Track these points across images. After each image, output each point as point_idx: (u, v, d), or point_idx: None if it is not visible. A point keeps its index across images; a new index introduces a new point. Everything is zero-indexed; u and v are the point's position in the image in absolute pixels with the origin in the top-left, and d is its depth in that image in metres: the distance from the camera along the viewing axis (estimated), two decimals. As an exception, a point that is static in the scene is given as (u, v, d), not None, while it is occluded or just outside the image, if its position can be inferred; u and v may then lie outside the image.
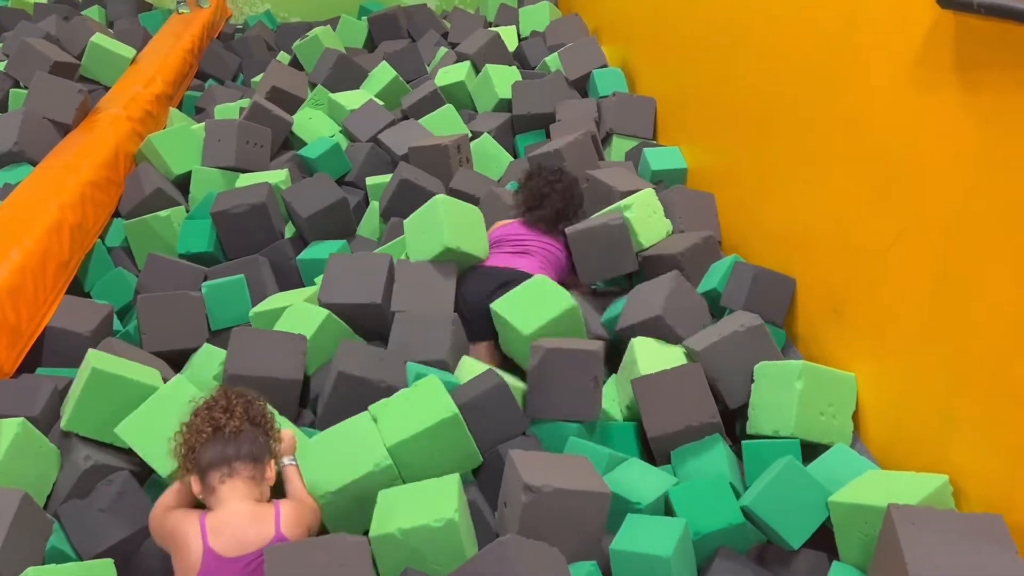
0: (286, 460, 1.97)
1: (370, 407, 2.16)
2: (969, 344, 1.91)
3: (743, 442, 2.25)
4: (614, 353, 2.64)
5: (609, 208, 3.06)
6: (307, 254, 3.18)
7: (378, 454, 2.04)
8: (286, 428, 2.04)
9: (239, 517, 1.77)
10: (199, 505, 1.86)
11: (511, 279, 2.71)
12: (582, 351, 2.30)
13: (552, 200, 3.00)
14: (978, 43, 1.83)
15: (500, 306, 2.55)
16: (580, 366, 2.29)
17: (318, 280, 2.97)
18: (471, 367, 2.40)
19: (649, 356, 2.41)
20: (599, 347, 2.34)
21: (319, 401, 2.33)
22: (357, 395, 2.22)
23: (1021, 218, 1.75)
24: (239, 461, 1.81)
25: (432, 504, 1.88)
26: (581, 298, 2.84)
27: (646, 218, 2.99)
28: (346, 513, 2.02)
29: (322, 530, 1.99)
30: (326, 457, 2.06)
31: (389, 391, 2.22)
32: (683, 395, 2.25)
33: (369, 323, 2.58)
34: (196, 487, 1.82)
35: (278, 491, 1.92)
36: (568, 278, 2.99)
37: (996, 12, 1.66)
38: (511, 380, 2.34)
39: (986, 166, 1.85)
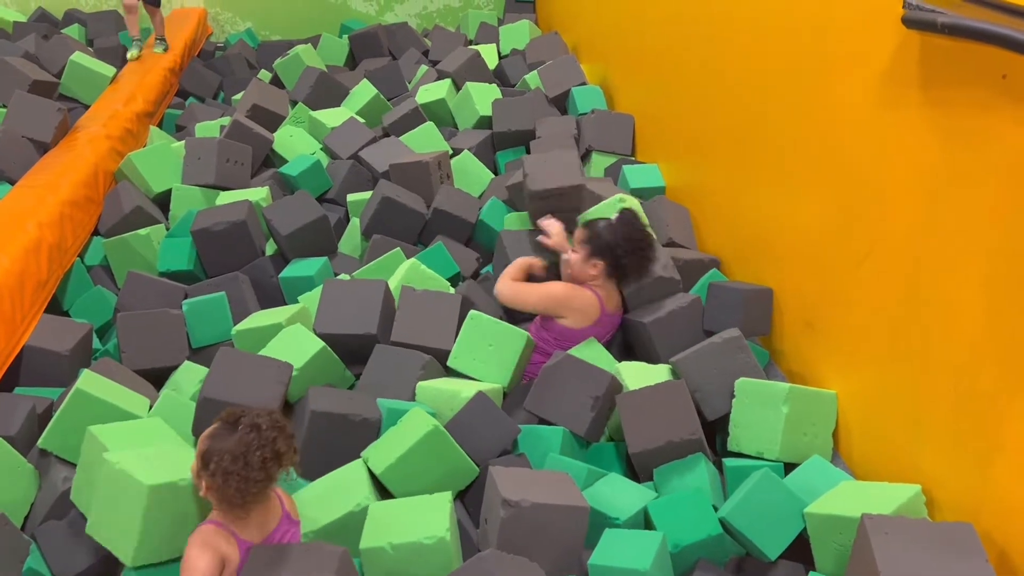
0: None
1: (363, 452, 2.18)
2: (936, 356, 1.95)
3: (724, 460, 2.27)
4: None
5: (604, 204, 3.05)
6: (289, 272, 3.17)
7: (360, 494, 2.04)
8: None
9: (260, 509, 1.83)
10: None
11: None
12: (595, 368, 2.36)
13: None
14: (941, 62, 1.88)
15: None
16: (587, 381, 2.34)
17: (301, 298, 2.98)
18: (424, 391, 2.40)
19: (636, 379, 2.42)
20: (611, 375, 2.36)
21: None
22: (333, 433, 2.21)
23: (982, 233, 1.80)
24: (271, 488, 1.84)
25: (424, 521, 1.90)
26: None
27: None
28: None
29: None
30: (315, 500, 2.08)
31: (364, 424, 2.22)
32: (666, 411, 2.27)
33: (366, 351, 2.57)
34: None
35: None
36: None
37: (958, 32, 1.70)
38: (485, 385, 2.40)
39: (950, 182, 1.89)
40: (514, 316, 2.84)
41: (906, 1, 1.86)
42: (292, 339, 2.54)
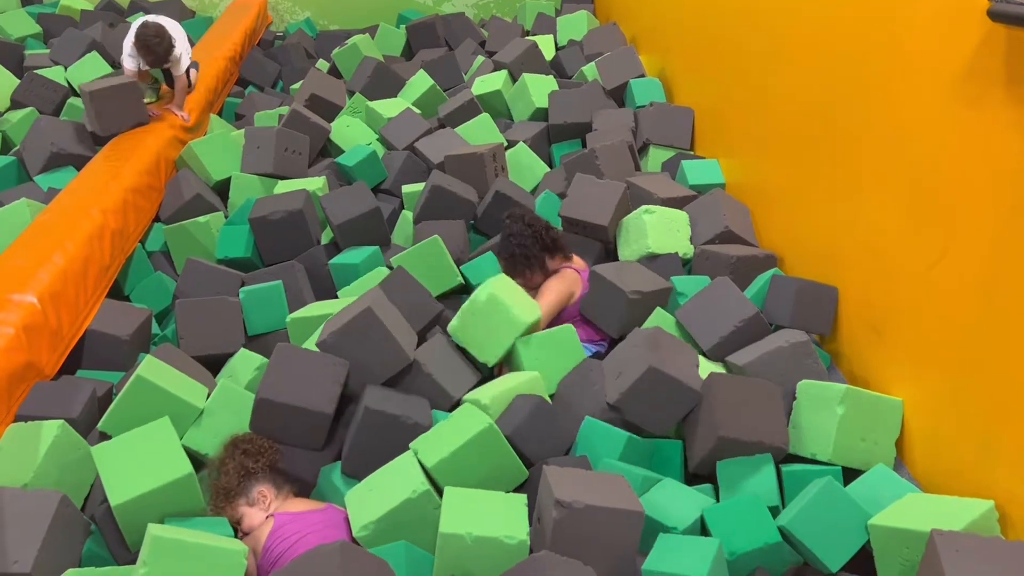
0: None
1: (411, 444, 2.17)
2: (1012, 366, 1.85)
3: (782, 467, 2.21)
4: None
5: (638, 211, 3.08)
6: (339, 259, 3.19)
7: (416, 481, 2.03)
8: None
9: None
10: None
11: None
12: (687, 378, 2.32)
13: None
14: (1030, 58, 1.79)
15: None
16: (687, 353, 2.42)
17: (347, 289, 2.99)
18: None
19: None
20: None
21: (346, 437, 2.30)
22: (384, 432, 2.21)
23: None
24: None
25: (504, 519, 1.91)
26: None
27: (663, 227, 3.04)
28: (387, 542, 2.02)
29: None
30: (368, 493, 2.08)
31: (416, 428, 2.22)
32: (759, 409, 2.22)
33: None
34: (270, 495, 2.13)
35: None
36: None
37: (1050, 26, 1.62)
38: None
39: (1037, 184, 1.80)
40: None
41: (993, -7, 1.77)
42: None
